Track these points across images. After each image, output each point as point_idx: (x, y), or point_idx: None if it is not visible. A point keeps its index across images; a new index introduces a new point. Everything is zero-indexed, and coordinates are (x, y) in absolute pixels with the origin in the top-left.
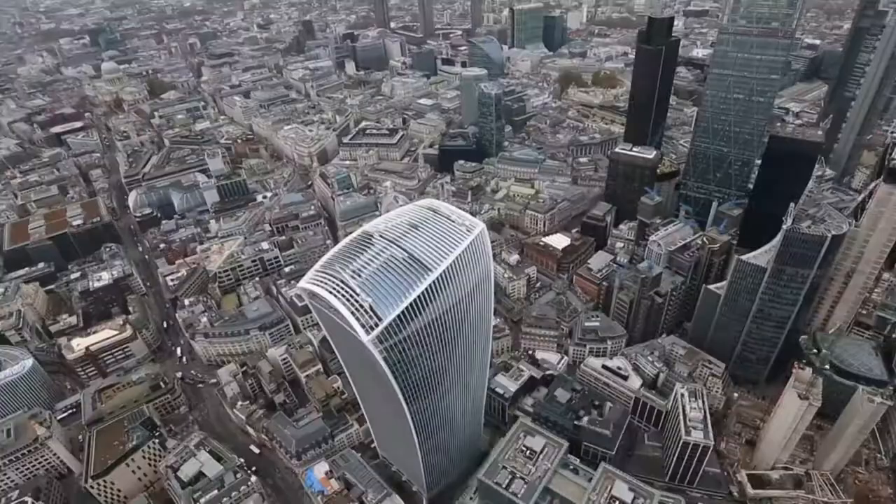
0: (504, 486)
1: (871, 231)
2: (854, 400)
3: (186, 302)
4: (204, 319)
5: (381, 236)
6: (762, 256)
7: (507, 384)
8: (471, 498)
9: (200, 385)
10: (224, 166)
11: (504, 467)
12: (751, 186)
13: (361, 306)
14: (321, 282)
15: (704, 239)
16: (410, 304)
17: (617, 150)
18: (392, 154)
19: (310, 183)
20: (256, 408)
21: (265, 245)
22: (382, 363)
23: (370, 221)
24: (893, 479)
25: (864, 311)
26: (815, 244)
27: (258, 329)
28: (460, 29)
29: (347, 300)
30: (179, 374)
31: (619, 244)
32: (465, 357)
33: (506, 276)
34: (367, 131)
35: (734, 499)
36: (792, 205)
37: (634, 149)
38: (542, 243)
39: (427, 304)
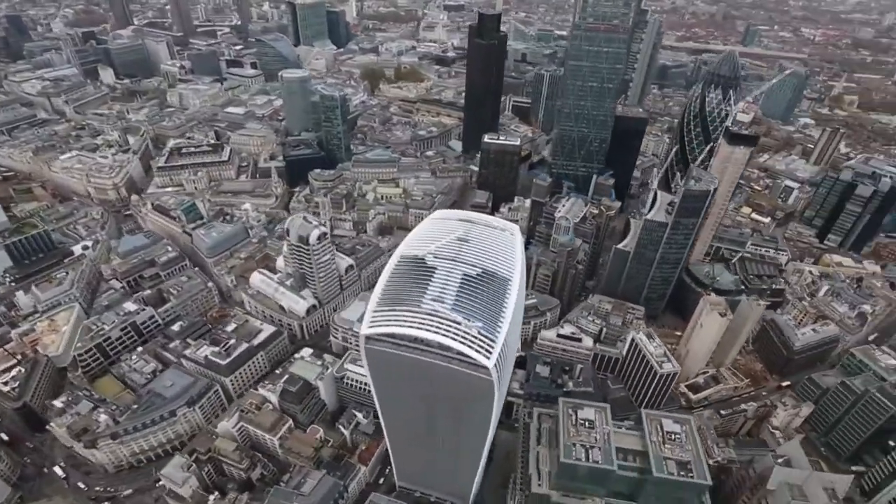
0: (584, 459)
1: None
2: (742, 307)
3: (58, 403)
4: (103, 417)
5: (435, 258)
6: (660, 214)
7: None
8: (538, 484)
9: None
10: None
11: (574, 444)
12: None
13: (469, 333)
14: (404, 322)
15: (602, 208)
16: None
17: (486, 139)
18: (226, 173)
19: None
20: (234, 496)
21: (131, 306)
22: (496, 385)
23: (401, 248)
24: (758, 357)
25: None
26: (702, 197)
27: (186, 405)
28: (226, 26)
29: (453, 333)
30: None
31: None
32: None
33: None
34: (183, 150)
35: (684, 407)
36: (655, 169)
37: (501, 137)
38: None
39: (516, 315)
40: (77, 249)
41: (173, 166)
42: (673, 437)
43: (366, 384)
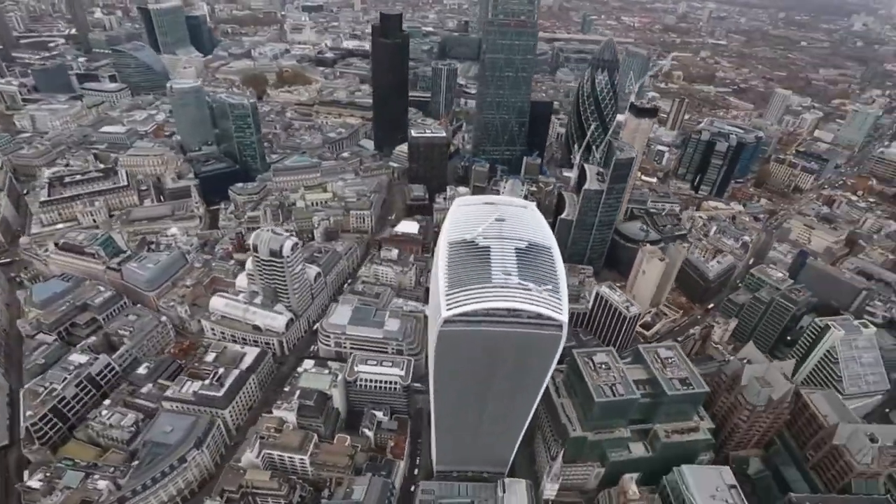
0: (615, 395)
1: None
2: (671, 252)
3: (35, 483)
4: (102, 483)
5: (485, 238)
6: (595, 183)
7: None
8: (573, 429)
9: None
10: None
11: (601, 386)
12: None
13: (542, 297)
14: (484, 297)
15: (540, 185)
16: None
17: (413, 134)
18: (126, 199)
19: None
20: None
21: (78, 358)
22: (563, 339)
23: (445, 235)
24: (681, 291)
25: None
26: (628, 164)
27: (195, 448)
28: (59, 36)
29: (530, 298)
30: None
31: None
32: None
33: (396, 270)
34: (67, 180)
35: (643, 341)
36: (575, 145)
37: (427, 131)
38: (399, 233)
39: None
40: None
41: (61, 199)
42: (669, 361)
43: (379, 382)
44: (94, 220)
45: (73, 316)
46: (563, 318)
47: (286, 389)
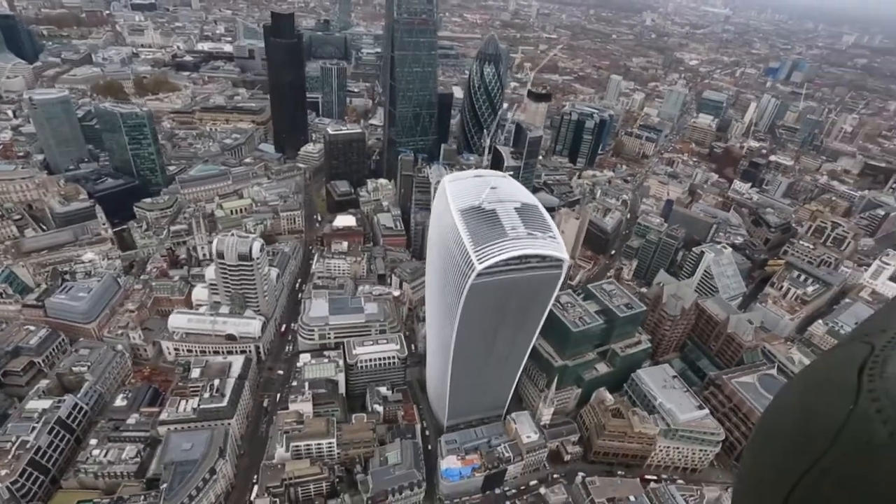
0: (585, 324)
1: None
2: (581, 212)
3: None
4: None
5: (489, 203)
6: (512, 161)
7: None
8: (555, 361)
9: None
10: None
11: (573, 320)
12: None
13: (546, 242)
14: (507, 248)
15: (463, 167)
16: None
17: (330, 131)
18: (4, 230)
19: None
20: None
21: (40, 404)
22: (560, 281)
23: (454, 205)
24: (587, 246)
25: None
26: (538, 142)
27: (220, 457)
28: None
29: (539, 244)
30: None
31: (385, 202)
32: None
33: (350, 261)
34: None
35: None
36: (484, 130)
37: (343, 129)
38: (340, 227)
39: None
40: None
41: None
42: (613, 293)
43: (379, 360)
44: None
45: (5, 364)
46: (566, 256)
47: (294, 384)
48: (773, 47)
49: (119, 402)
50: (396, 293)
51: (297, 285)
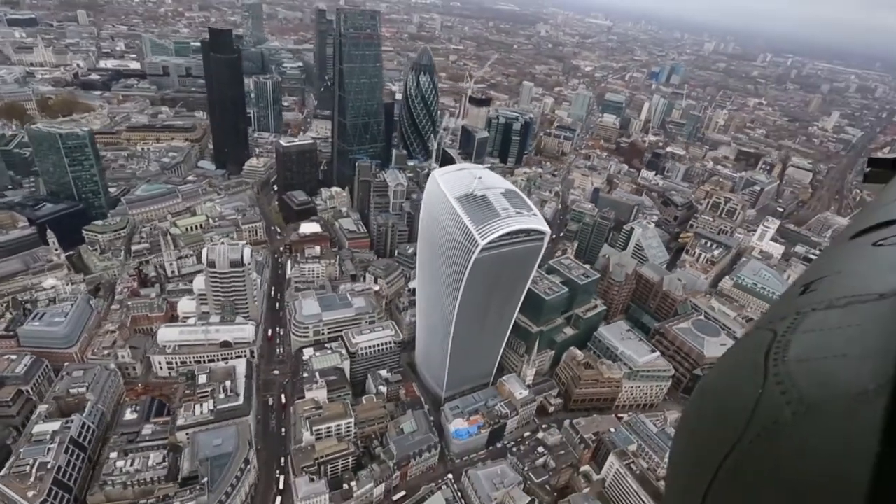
0: (554, 293)
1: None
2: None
3: None
4: None
5: (481, 191)
6: (462, 162)
7: None
8: (534, 330)
9: None
10: None
11: (545, 290)
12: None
13: (532, 218)
14: (503, 225)
15: (417, 169)
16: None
17: (282, 143)
18: None
19: None
20: (371, 469)
21: (50, 426)
22: (542, 252)
23: (448, 193)
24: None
25: None
26: (485, 142)
27: (251, 448)
28: None
29: (527, 219)
30: None
31: (343, 208)
32: None
33: (324, 264)
34: None
35: None
36: (432, 135)
37: (294, 140)
38: (306, 234)
39: None
40: None
41: None
42: (570, 266)
43: (378, 346)
44: None
45: None
46: (547, 229)
47: (305, 376)
48: (651, 54)
49: (129, 415)
50: (377, 288)
51: (272, 293)
